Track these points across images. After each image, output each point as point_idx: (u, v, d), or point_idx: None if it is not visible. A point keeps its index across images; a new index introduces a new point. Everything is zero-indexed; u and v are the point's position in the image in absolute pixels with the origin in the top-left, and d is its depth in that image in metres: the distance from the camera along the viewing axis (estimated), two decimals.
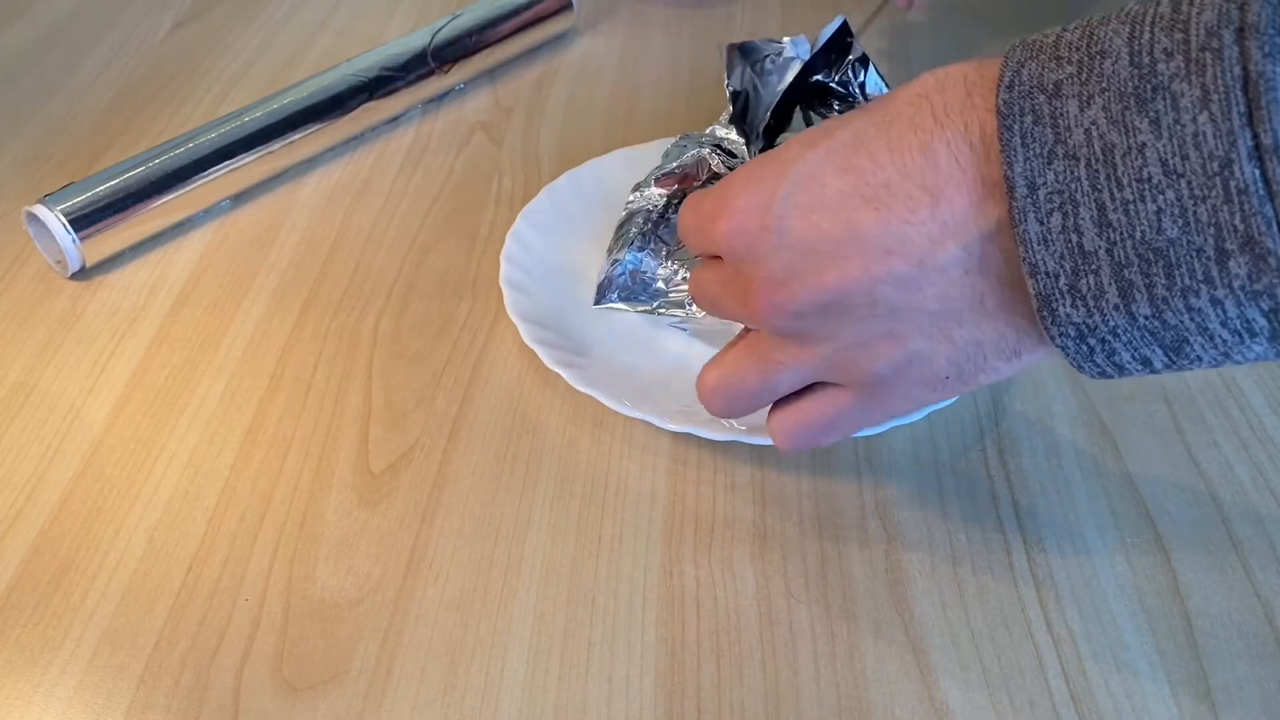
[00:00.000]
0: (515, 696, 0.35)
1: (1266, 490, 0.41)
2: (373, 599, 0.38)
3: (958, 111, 0.28)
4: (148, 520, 0.40)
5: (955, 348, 0.31)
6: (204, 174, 0.53)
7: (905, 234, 0.29)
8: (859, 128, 0.30)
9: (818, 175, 0.31)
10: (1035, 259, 0.27)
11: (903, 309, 0.30)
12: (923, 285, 0.29)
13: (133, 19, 0.70)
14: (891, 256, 0.29)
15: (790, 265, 0.31)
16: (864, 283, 0.30)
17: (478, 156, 0.59)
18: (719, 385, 0.36)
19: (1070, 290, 0.27)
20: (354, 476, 0.42)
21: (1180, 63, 0.24)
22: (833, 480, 0.42)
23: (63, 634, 0.37)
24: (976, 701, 0.35)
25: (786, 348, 0.33)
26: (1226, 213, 0.24)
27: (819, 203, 0.30)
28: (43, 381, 0.46)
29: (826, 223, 0.30)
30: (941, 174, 0.28)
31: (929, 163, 0.28)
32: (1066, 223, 0.26)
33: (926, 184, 0.29)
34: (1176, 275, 0.25)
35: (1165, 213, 0.25)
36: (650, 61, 0.66)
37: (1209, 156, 0.24)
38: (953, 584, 0.38)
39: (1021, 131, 0.26)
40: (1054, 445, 0.43)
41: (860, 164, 0.30)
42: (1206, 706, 0.35)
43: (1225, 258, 0.24)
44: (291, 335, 0.48)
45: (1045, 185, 0.26)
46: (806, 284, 0.31)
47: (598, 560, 0.39)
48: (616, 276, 0.46)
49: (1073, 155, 0.26)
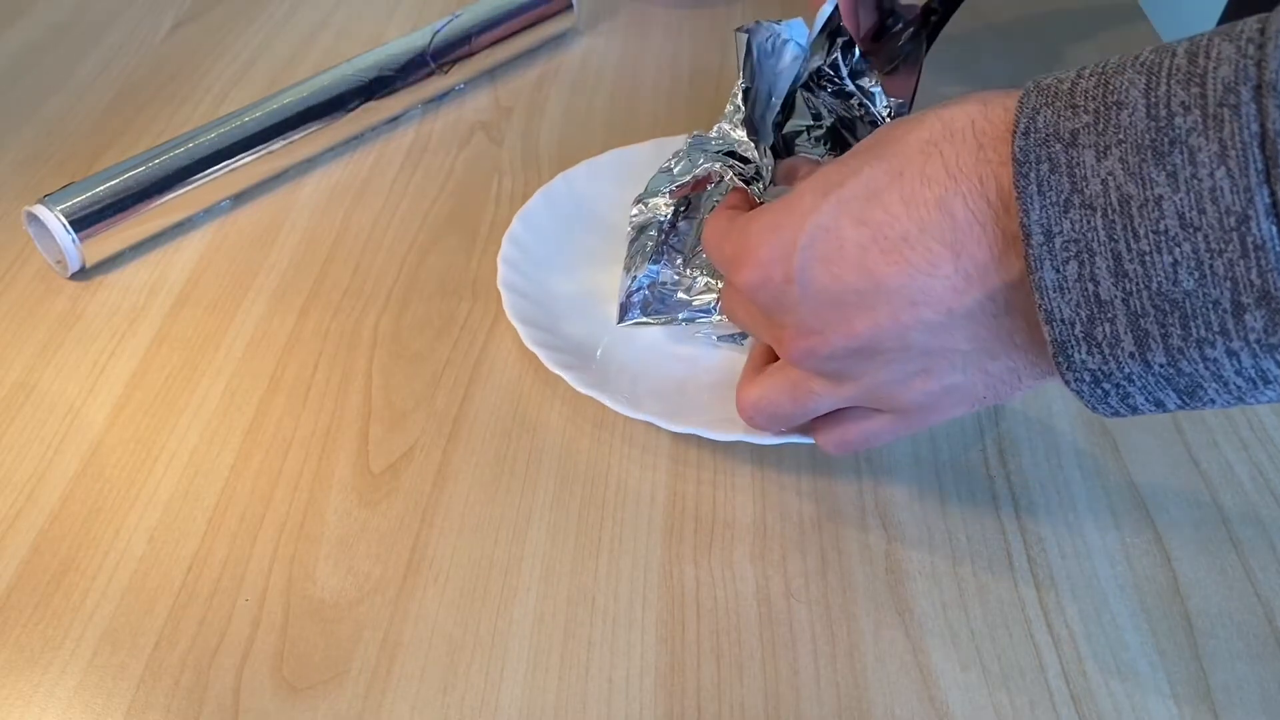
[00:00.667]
0: (515, 696, 0.35)
1: (1266, 490, 0.41)
2: (373, 599, 0.38)
3: (971, 165, 0.29)
4: (148, 520, 0.40)
5: (990, 376, 0.31)
6: (204, 174, 0.53)
7: (929, 286, 0.29)
8: (870, 178, 0.31)
9: (834, 228, 0.31)
10: (1051, 306, 0.27)
11: (935, 350, 0.31)
12: (952, 330, 0.30)
13: (133, 19, 0.70)
14: (917, 306, 0.30)
15: (819, 314, 0.32)
16: (895, 330, 0.31)
17: (478, 156, 0.59)
18: (758, 406, 0.37)
19: (1086, 338, 0.27)
20: (354, 476, 0.42)
21: (1198, 117, 0.24)
22: (833, 480, 0.42)
23: (63, 634, 0.37)
24: (976, 701, 0.35)
25: (822, 383, 0.35)
26: (1243, 267, 0.24)
27: (838, 254, 0.31)
28: (43, 381, 0.46)
29: (849, 274, 0.31)
30: (960, 230, 0.29)
31: (946, 219, 0.29)
32: (1083, 271, 0.26)
33: (946, 240, 0.29)
34: (1192, 326, 0.25)
35: (1182, 265, 0.25)
36: (650, 61, 0.66)
37: (1226, 211, 0.24)
38: (953, 584, 0.38)
39: (1038, 180, 0.27)
40: (1054, 445, 0.43)
41: (876, 216, 0.30)
42: (1206, 706, 0.35)
43: (1241, 311, 0.24)
44: (291, 335, 0.48)
45: (1061, 234, 0.26)
46: (838, 332, 0.32)
47: (598, 560, 0.39)
48: (636, 292, 0.45)
49: (1089, 205, 0.26)
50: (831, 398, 0.35)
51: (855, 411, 0.36)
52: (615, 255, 0.49)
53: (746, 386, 0.38)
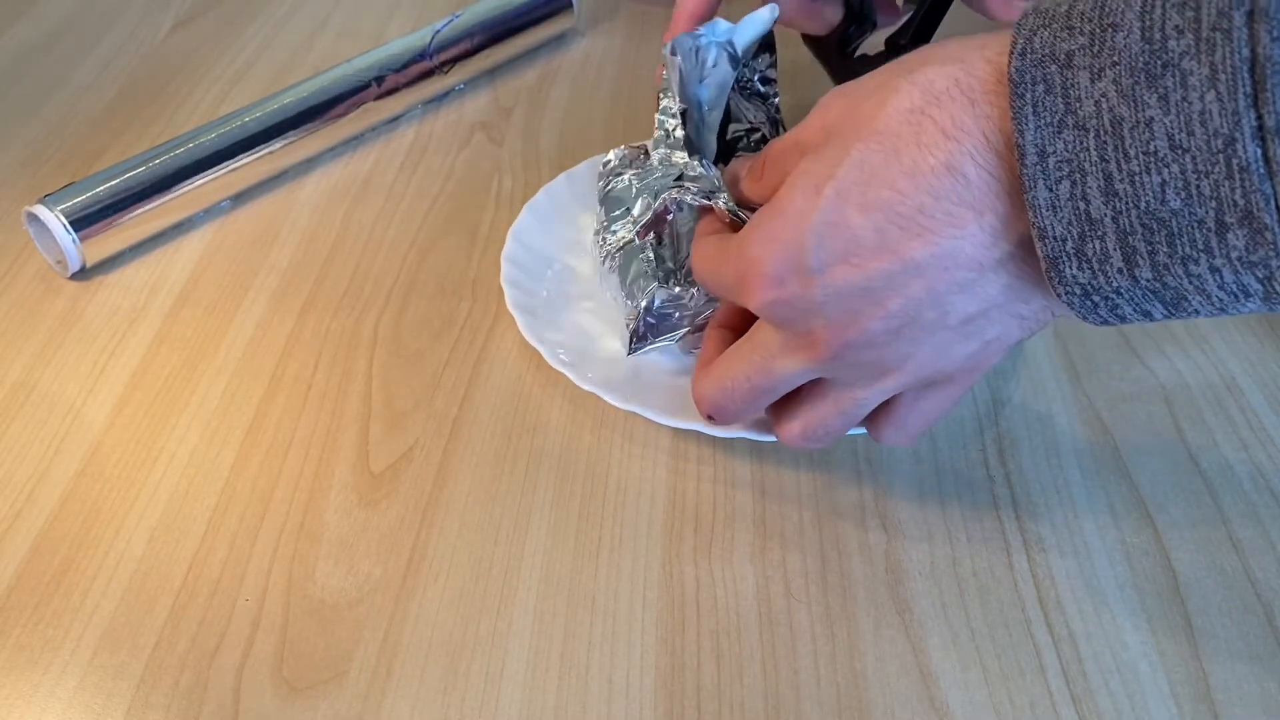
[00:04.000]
0: (515, 696, 0.35)
1: (1266, 490, 0.41)
2: (373, 599, 0.38)
3: (971, 123, 0.29)
4: (148, 520, 0.40)
5: (1024, 319, 0.32)
6: (204, 174, 0.53)
7: (957, 248, 0.29)
8: (863, 160, 0.30)
9: (840, 221, 0.30)
10: (1044, 224, 0.27)
11: (973, 311, 0.31)
12: (985, 285, 0.30)
13: (133, 19, 0.70)
14: (950, 270, 0.30)
15: (850, 308, 0.31)
16: (929, 298, 0.30)
17: (478, 156, 0.59)
18: (806, 433, 0.37)
19: (1077, 254, 0.27)
20: (354, 476, 0.42)
21: (1190, 41, 0.25)
22: (833, 480, 0.42)
23: (63, 634, 0.37)
24: (976, 701, 0.35)
25: (868, 384, 0.34)
26: (1228, 188, 0.25)
27: (856, 247, 0.30)
28: (43, 381, 0.46)
29: (874, 263, 0.30)
30: (975, 188, 0.29)
31: (958, 181, 0.29)
32: (1075, 190, 0.27)
33: (964, 200, 0.29)
34: (1178, 244, 0.26)
35: (1169, 185, 0.25)
36: (650, 61, 0.66)
37: (1214, 134, 0.25)
38: (953, 584, 0.38)
39: (1033, 100, 0.27)
40: (1054, 445, 0.43)
41: (883, 197, 0.30)
42: (1206, 706, 0.35)
43: (1224, 230, 0.25)
44: (291, 335, 0.48)
45: (1055, 154, 0.27)
46: (873, 316, 0.31)
47: (598, 560, 0.39)
48: (642, 321, 0.43)
49: (1082, 126, 0.26)
50: (879, 396, 0.34)
51: (904, 398, 0.36)
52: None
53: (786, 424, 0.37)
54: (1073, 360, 0.46)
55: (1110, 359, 0.46)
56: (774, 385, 0.36)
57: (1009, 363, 0.46)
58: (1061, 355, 0.47)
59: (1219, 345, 0.47)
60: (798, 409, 0.37)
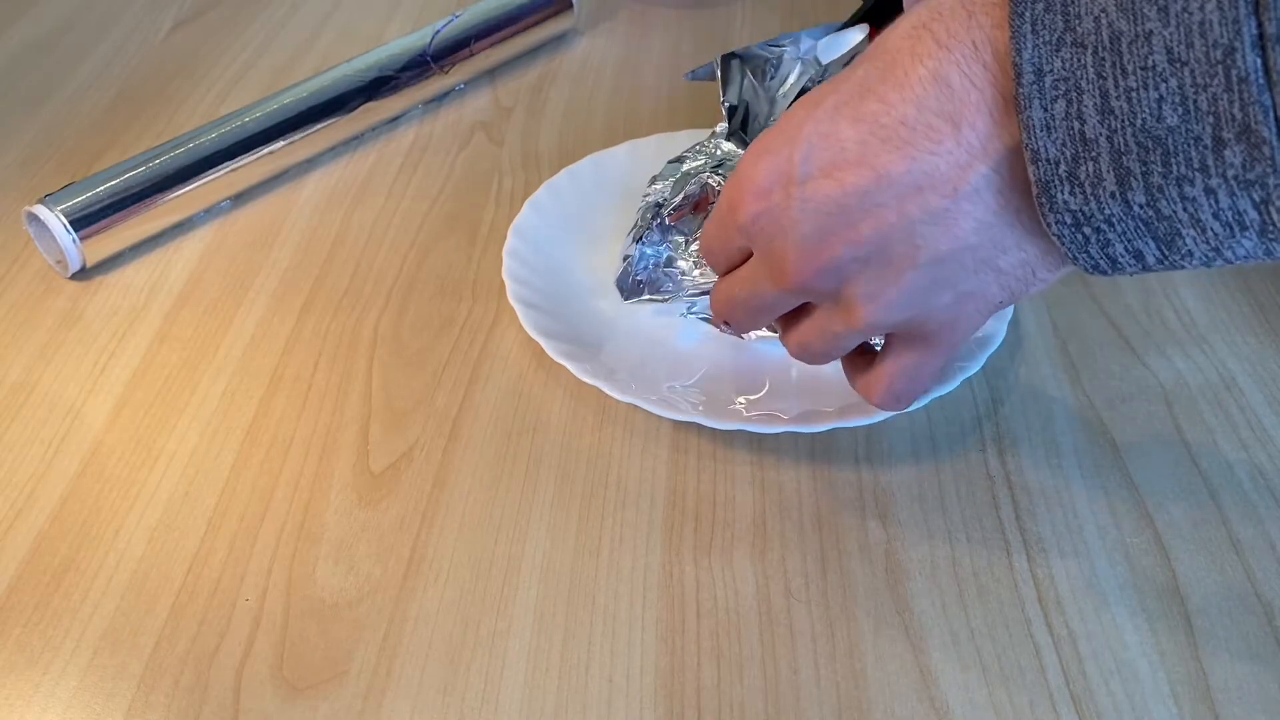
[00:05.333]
0: (515, 696, 0.35)
1: (1266, 490, 0.41)
2: (373, 599, 0.38)
3: (964, 32, 0.28)
4: (148, 520, 0.40)
5: (1003, 275, 0.31)
6: (204, 174, 0.53)
7: (933, 166, 0.29)
8: (862, 76, 0.30)
9: (831, 132, 0.30)
10: (1037, 145, 0.27)
11: (945, 254, 0.30)
12: (958, 217, 0.29)
13: (133, 19, 0.70)
14: (922, 192, 0.29)
15: (823, 226, 0.31)
16: (900, 226, 0.30)
17: (478, 156, 0.59)
18: (801, 347, 0.36)
19: (1069, 177, 0.27)
20: (354, 476, 0.42)
21: None
22: (833, 480, 0.42)
23: (63, 634, 0.37)
24: (976, 701, 0.35)
25: (841, 319, 0.33)
26: (1226, 101, 0.24)
27: (840, 159, 0.30)
28: (43, 381, 0.46)
29: (851, 176, 0.30)
30: (958, 98, 0.28)
31: (942, 90, 0.28)
32: (1070, 110, 0.26)
33: (944, 111, 0.28)
34: (1173, 163, 0.25)
35: (1166, 101, 0.25)
36: (650, 61, 0.66)
37: (1213, 45, 0.24)
38: (953, 584, 0.38)
39: (1032, 18, 0.27)
40: (1054, 445, 0.43)
41: (872, 109, 0.29)
42: (1206, 706, 0.35)
43: (1221, 146, 0.25)
44: (291, 335, 0.48)
45: (1052, 72, 0.26)
46: (843, 239, 0.31)
47: (598, 560, 0.39)
48: (641, 271, 0.46)
49: (1080, 43, 0.26)
50: (854, 335, 0.33)
51: (887, 354, 0.35)
52: (617, 251, 0.49)
53: (788, 333, 0.36)
54: (1073, 360, 0.46)
55: (1110, 359, 0.46)
56: (766, 306, 0.36)
57: (1009, 363, 0.46)
58: (1061, 355, 0.47)
59: (1219, 345, 0.47)
60: (797, 322, 0.36)
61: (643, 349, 0.46)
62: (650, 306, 0.47)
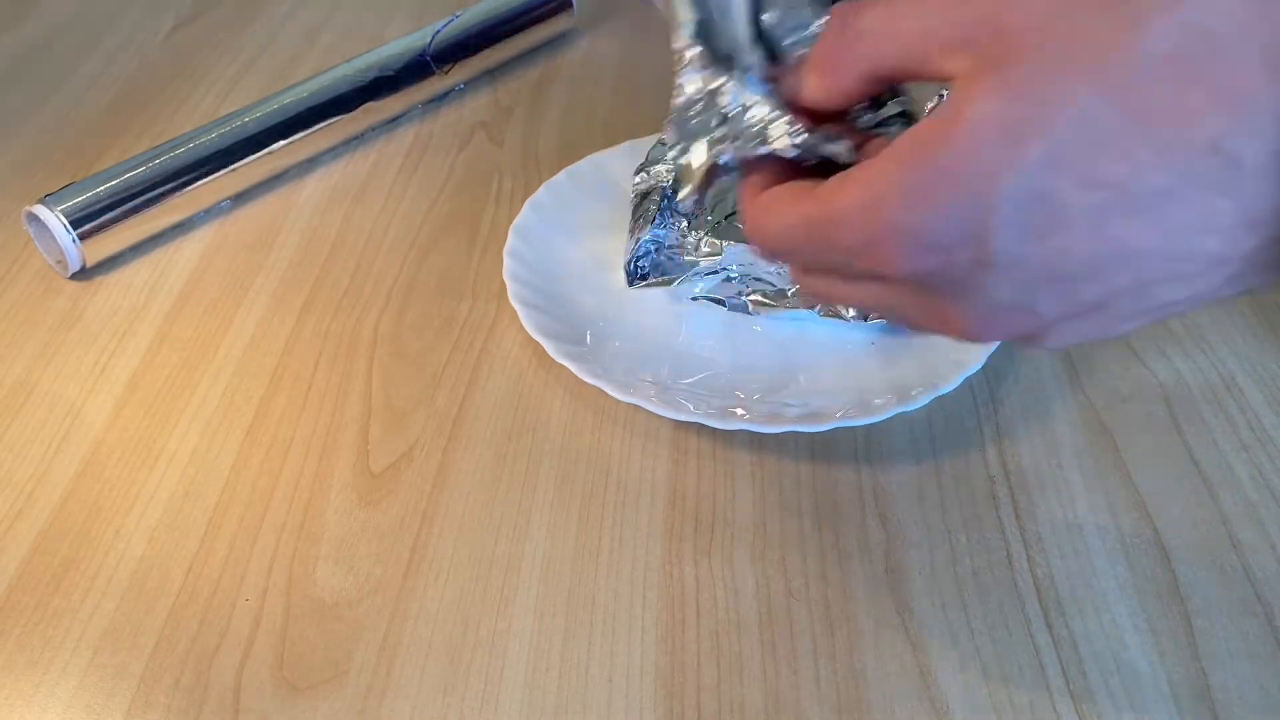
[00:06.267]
0: (515, 696, 0.35)
1: (1266, 490, 0.41)
2: (373, 599, 0.38)
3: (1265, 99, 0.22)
4: (148, 520, 0.40)
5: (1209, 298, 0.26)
6: (204, 174, 0.53)
7: (1199, 245, 0.23)
8: (1092, 116, 0.23)
9: (1051, 192, 0.23)
10: None
11: (1172, 303, 0.25)
12: (1212, 275, 0.24)
13: (133, 19, 0.70)
14: (1175, 263, 0.24)
15: (1027, 292, 0.25)
16: (1135, 289, 0.25)
17: (478, 156, 0.59)
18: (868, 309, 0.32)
19: None
20: (354, 476, 0.42)
21: None
22: (833, 480, 0.42)
23: (63, 634, 0.37)
24: (976, 701, 0.35)
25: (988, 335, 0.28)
26: None
27: (1062, 226, 0.24)
28: (43, 381, 0.46)
29: (1080, 246, 0.24)
30: (1248, 178, 0.22)
31: (1230, 168, 0.22)
32: None
33: (1225, 189, 0.23)
34: None
35: None
36: (650, 61, 0.66)
37: None
38: (953, 584, 0.38)
39: None
40: (1054, 445, 0.43)
41: (1116, 172, 0.23)
42: (1206, 706, 0.35)
43: None
44: (291, 335, 0.48)
45: None
46: (1054, 307, 0.25)
47: (598, 560, 0.39)
48: (643, 256, 0.46)
49: None
50: (961, 339, 0.28)
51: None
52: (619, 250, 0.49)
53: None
54: (1073, 360, 0.46)
55: (1110, 359, 0.46)
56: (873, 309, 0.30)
57: (1009, 363, 0.46)
58: (1061, 355, 0.47)
59: (1219, 345, 0.47)
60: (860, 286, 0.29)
61: (644, 349, 0.46)
62: (653, 302, 0.48)
